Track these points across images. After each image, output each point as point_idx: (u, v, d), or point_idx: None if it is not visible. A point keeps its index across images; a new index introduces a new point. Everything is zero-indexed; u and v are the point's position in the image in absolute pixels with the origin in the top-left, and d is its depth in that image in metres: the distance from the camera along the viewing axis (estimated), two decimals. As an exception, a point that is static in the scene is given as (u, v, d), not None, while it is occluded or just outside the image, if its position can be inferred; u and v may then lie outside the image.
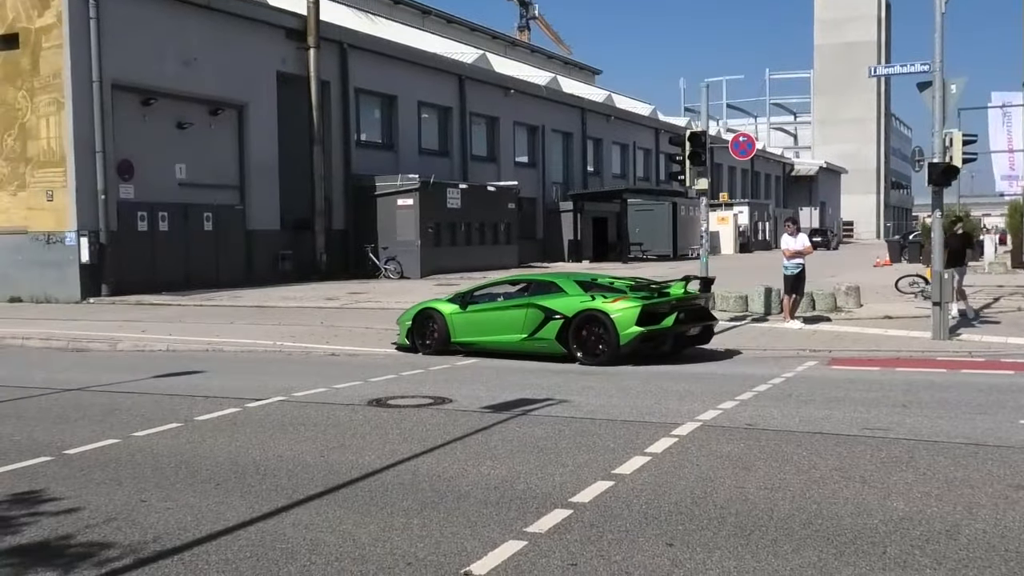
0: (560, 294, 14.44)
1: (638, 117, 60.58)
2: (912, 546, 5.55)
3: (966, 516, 6.10)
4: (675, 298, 14.27)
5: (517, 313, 14.60)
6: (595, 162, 54.95)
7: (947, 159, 16.03)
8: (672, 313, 13.89)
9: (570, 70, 74.14)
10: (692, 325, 14.35)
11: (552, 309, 14.21)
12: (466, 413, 9.83)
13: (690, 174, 17.00)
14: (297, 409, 10.25)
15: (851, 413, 9.58)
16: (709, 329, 14.94)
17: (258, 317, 20.84)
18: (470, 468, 7.47)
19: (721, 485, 6.88)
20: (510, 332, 14.60)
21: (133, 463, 7.83)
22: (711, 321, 15.02)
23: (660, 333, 13.76)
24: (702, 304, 14.94)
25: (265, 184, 31.35)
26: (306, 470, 7.49)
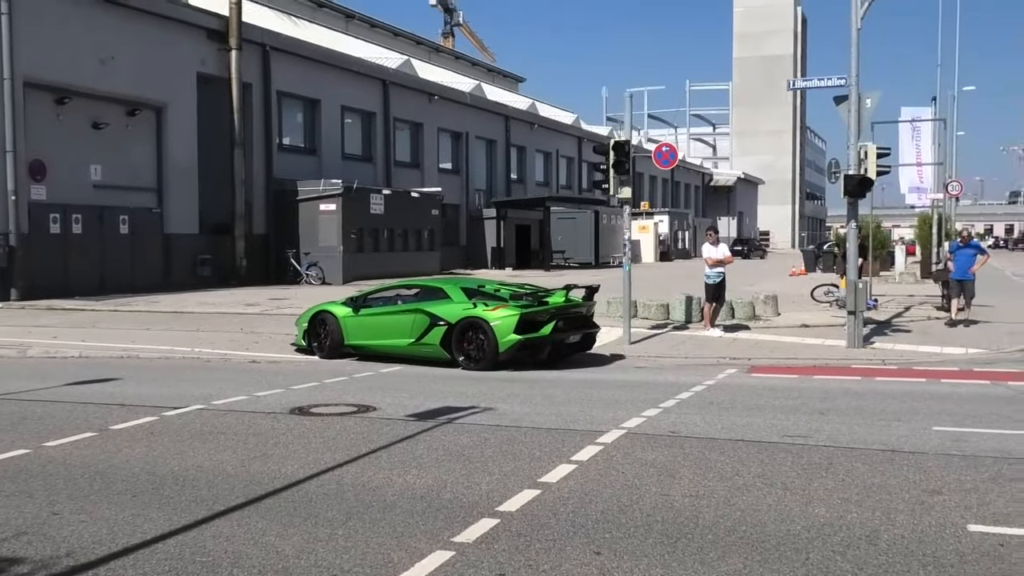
0: (446, 300, 14.71)
1: (561, 125, 60.97)
2: (833, 552, 5.63)
3: (885, 522, 6.22)
4: (554, 307, 14.54)
5: (405, 318, 14.84)
6: (518, 169, 55.10)
7: (862, 171, 16.43)
8: (551, 321, 14.19)
9: (494, 77, 74.33)
10: (572, 333, 14.70)
11: (437, 315, 14.46)
12: (390, 421, 9.72)
13: (614, 183, 17.11)
14: (217, 418, 10.02)
15: (771, 420, 9.72)
16: (590, 336, 15.33)
17: (176, 323, 20.38)
18: (395, 477, 7.37)
19: (647, 493, 6.91)
20: (399, 336, 14.85)
21: (44, 474, 7.56)
22: (593, 328, 15.38)
23: (538, 341, 14.09)
24: (583, 312, 15.22)
25: (184, 187, 30.71)
26: (227, 480, 7.31)
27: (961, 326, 19.06)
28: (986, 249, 21.41)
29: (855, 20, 16.47)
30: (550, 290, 15.27)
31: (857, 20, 16.49)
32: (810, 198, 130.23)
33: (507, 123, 52.61)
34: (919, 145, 48.05)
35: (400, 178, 42.02)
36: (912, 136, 48.01)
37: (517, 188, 53.93)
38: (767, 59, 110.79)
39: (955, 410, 10.40)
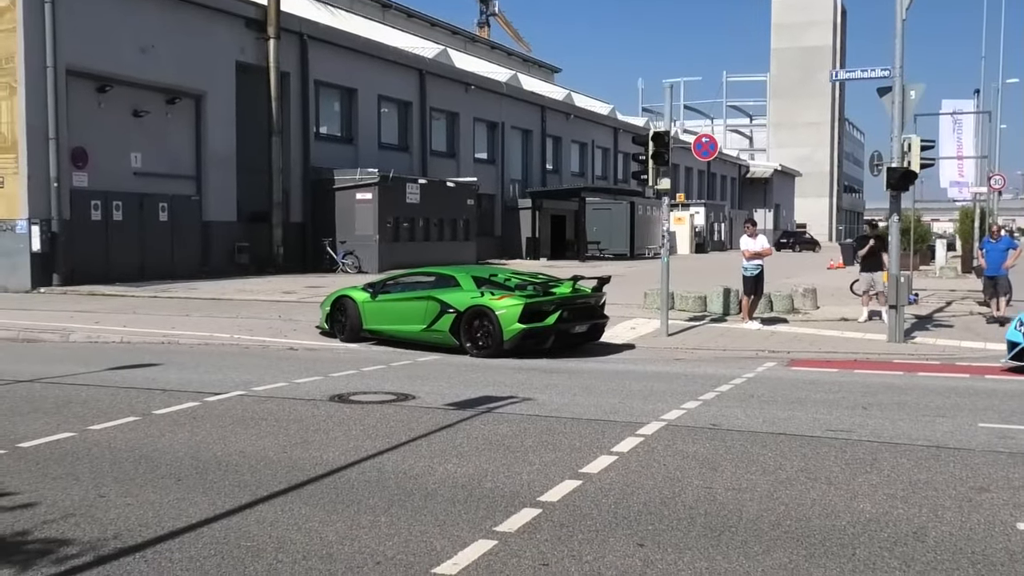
0: (456, 289, 15.01)
1: (597, 116, 60.74)
2: (880, 548, 5.57)
3: (932, 518, 6.14)
4: (560, 297, 14.69)
5: (419, 305, 15.19)
6: (554, 160, 54.98)
7: (905, 164, 16.22)
8: (556, 311, 14.38)
9: (530, 67, 74.17)
10: (578, 323, 14.81)
11: (447, 303, 14.78)
12: (430, 410, 9.74)
13: (652, 174, 17.01)
14: (257, 404, 10.09)
15: (813, 414, 9.64)
16: (599, 327, 15.44)
17: (214, 310, 20.55)
18: (436, 466, 7.38)
19: (689, 485, 6.87)
20: (412, 322, 15.21)
21: (90, 457, 7.65)
22: (601, 319, 15.47)
23: (542, 330, 14.29)
24: (591, 303, 15.29)
25: (222, 175, 30.93)
26: (269, 466, 7.36)
27: (997, 324, 18.75)
28: (1018, 243, 21.03)
29: (900, 11, 16.24)
30: (559, 280, 15.48)
31: (902, 11, 16.25)
32: (847, 191, 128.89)
33: (543, 113, 52.51)
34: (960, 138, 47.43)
35: (436, 168, 42.08)
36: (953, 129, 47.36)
37: (552, 178, 53.83)
38: (805, 50, 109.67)
39: (1000, 406, 10.25)
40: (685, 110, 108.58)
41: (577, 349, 15.15)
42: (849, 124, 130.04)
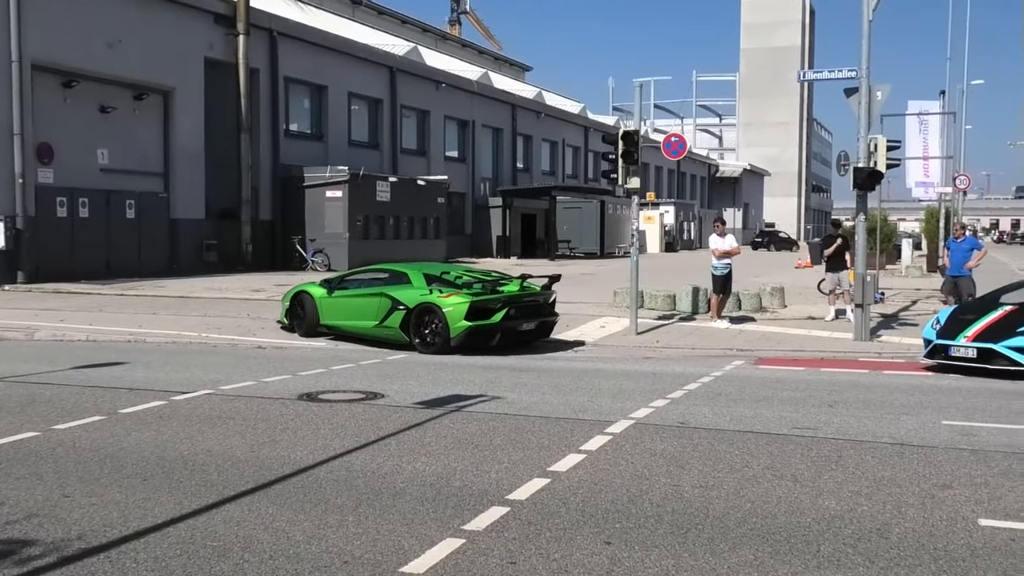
0: (407, 286, 15.27)
1: (568, 115, 60.85)
2: (844, 544, 5.63)
3: (895, 515, 6.21)
4: (507, 295, 14.90)
5: (372, 301, 15.45)
6: (525, 158, 55.01)
7: (872, 164, 16.38)
8: (502, 309, 14.60)
9: (500, 66, 74.14)
10: (525, 320, 15.06)
11: (398, 299, 15.03)
12: (399, 409, 9.73)
13: (622, 173, 17.06)
14: (225, 403, 10.03)
15: (780, 412, 9.71)
16: (547, 324, 15.69)
17: (182, 308, 20.39)
18: (405, 464, 7.38)
19: (656, 483, 6.90)
20: (365, 319, 15.46)
21: (54, 457, 7.57)
22: (550, 316, 15.71)
23: (488, 327, 14.51)
24: (540, 301, 15.53)
25: (190, 172, 30.70)
26: (236, 465, 7.32)
27: None
28: (982, 244, 21.23)
29: (867, 12, 16.39)
30: (510, 278, 15.78)
31: (869, 12, 16.41)
32: (816, 190, 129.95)
33: (514, 112, 52.52)
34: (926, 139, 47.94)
35: (406, 166, 42.01)
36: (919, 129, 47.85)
37: (523, 177, 53.87)
38: (775, 50, 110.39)
39: (963, 404, 10.38)
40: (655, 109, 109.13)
41: (530, 345, 15.30)
42: (817, 124, 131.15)
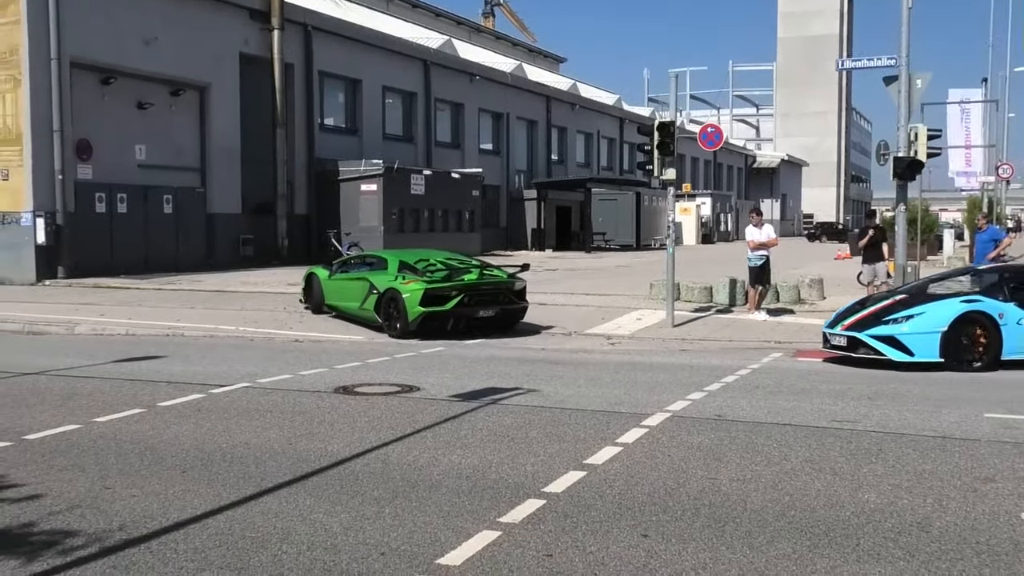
0: (383, 271, 16.42)
1: (602, 106, 60.64)
2: (885, 538, 5.59)
3: (936, 509, 6.15)
4: (464, 283, 15.56)
5: (358, 284, 16.76)
6: (559, 150, 54.92)
7: (912, 153, 16.21)
8: (456, 296, 15.34)
9: (535, 58, 74.01)
10: (483, 308, 15.68)
11: (374, 284, 16.17)
12: (434, 402, 9.78)
13: (658, 164, 16.99)
14: (262, 396, 10.13)
15: (819, 405, 9.65)
16: (512, 313, 16.22)
17: (219, 302, 20.59)
18: (441, 457, 7.41)
19: (693, 476, 6.89)
20: (353, 300, 16.79)
21: (95, 449, 7.69)
22: (512, 304, 16.18)
23: (441, 314, 15.33)
24: (505, 288, 16.06)
25: (226, 167, 30.97)
26: (274, 458, 7.39)
27: None
28: (1004, 233, 20.86)
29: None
30: (489, 266, 16.61)
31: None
32: (855, 180, 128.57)
33: (548, 104, 52.43)
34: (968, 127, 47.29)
35: (441, 158, 42.08)
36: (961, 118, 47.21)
37: (558, 169, 53.77)
38: (812, 39, 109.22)
39: (1007, 397, 10.26)
40: (691, 100, 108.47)
41: (558, 336, 15.59)
42: (856, 113, 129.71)
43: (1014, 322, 12.34)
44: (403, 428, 8.47)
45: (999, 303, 12.47)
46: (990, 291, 12.83)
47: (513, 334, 15.96)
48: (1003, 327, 12.26)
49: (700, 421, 8.84)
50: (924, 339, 12.26)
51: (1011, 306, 12.45)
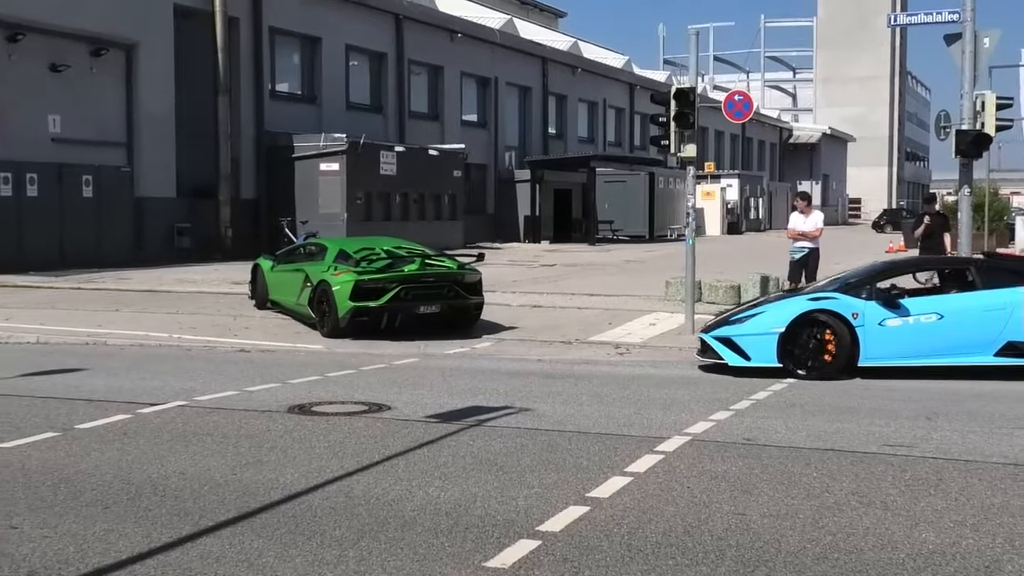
0: (319, 261, 17.02)
1: (610, 70, 60.76)
2: (946, 585, 5.61)
3: (1007, 549, 6.18)
4: (402, 274, 15.93)
5: (295, 276, 17.37)
6: (558, 123, 55.02)
7: (978, 126, 16.28)
8: (392, 290, 15.74)
9: (529, 12, 74.03)
10: (423, 304, 16.13)
11: (309, 275, 16.73)
12: (408, 423, 9.78)
13: (675, 139, 17.02)
14: (201, 416, 10.13)
15: (868, 426, 9.69)
16: (462, 309, 16.69)
17: (150, 304, 20.57)
18: (416, 489, 7.42)
19: (718, 511, 6.90)
20: (291, 294, 17.42)
21: (0, 481, 7.67)
22: (460, 299, 16.52)
23: (373, 309, 15.76)
24: (452, 281, 16.46)
25: (159, 142, 30.92)
26: (215, 490, 7.38)
27: None
28: None
29: (972, -59, 16.27)
30: (438, 255, 17.19)
31: (975, -59, 16.28)
32: (910, 158, 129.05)
33: (544, 67, 52.50)
34: (1046, 95, 47.44)
35: (416, 133, 42.10)
36: (1037, 84, 47.37)
37: (556, 145, 53.85)
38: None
39: (1091, 416, 10.30)
40: (715, 62, 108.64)
41: (557, 345, 15.64)
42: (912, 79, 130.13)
43: (874, 323, 12.70)
44: (370, 455, 8.47)
45: (857, 301, 12.86)
46: (854, 287, 13.24)
47: (470, 335, 16.38)
48: (858, 328, 12.64)
49: (726, 446, 8.86)
50: (761, 341, 12.83)
51: (872, 305, 12.81)
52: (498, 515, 6.81)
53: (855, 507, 7.02)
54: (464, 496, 7.25)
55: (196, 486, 7.51)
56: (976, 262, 14.51)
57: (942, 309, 12.84)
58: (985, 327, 12.61)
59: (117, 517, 6.77)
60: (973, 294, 13.04)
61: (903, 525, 6.63)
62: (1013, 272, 13.39)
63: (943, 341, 12.68)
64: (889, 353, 12.73)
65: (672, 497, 7.26)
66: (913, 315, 12.72)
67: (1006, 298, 12.71)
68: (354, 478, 7.74)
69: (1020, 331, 12.51)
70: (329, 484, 7.56)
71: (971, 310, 12.78)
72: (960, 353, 12.70)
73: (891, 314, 12.71)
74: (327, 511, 6.89)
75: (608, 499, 7.18)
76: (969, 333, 12.64)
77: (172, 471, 7.95)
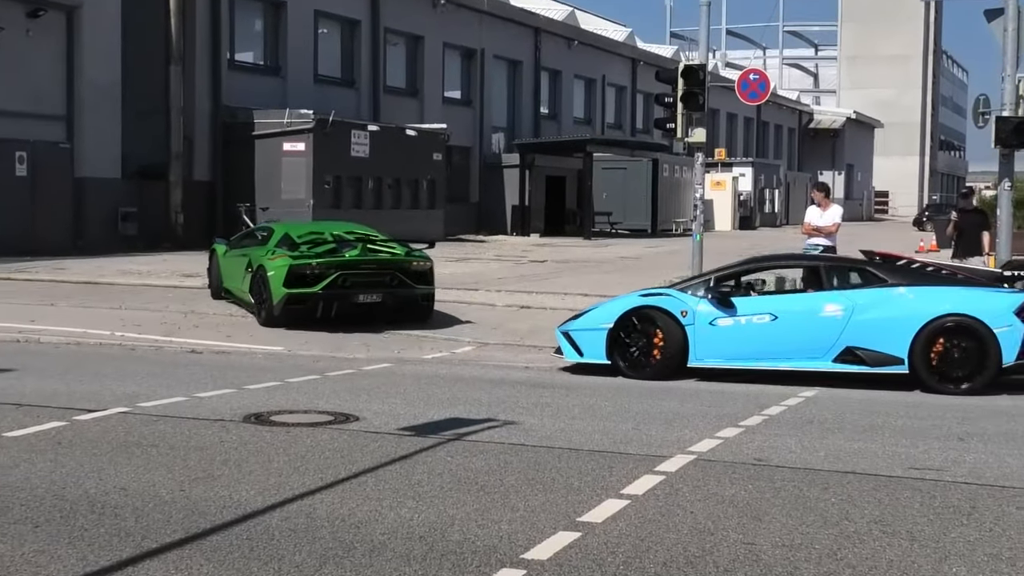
0: (262, 244, 17.89)
1: (610, 43, 60.80)
2: (978, 626, 5.63)
3: (1047, 587, 6.20)
4: (345, 259, 16.57)
5: (242, 262, 18.02)
6: (551, 102, 55.03)
7: (1021, 112, 16.34)
8: (328, 276, 16.41)
9: (520, -24, 74.11)
10: (363, 292, 16.76)
11: (251, 260, 17.47)
12: (378, 436, 9.77)
13: (682, 122, 17.08)
14: (146, 425, 10.10)
15: (893, 447, 9.71)
16: (408, 300, 17.26)
17: (90, 297, 20.54)
18: (386, 510, 7.41)
19: (724, 540, 6.91)
20: (238, 280, 18.10)
21: (-83, 495, 7.65)
22: (409, 289, 17.08)
23: (307, 297, 16.51)
24: (394, 269, 17.03)
25: (102, 116, 30.82)
26: (160, 508, 7.36)
27: None
28: None
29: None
30: (383, 240, 17.82)
31: (1020, -94, 16.34)
32: (945, 148, 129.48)
33: (537, 38, 52.50)
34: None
35: (392, 110, 42.07)
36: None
37: (549, 127, 53.87)
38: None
39: None
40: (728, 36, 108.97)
41: None
42: (948, 59, 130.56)
43: (704, 322, 13.30)
44: (336, 471, 8.46)
45: (690, 299, 13.55)
46: (692, 284, 14.10)
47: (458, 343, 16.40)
48: (688, 327, 13.26)
49: (734, 466, 8.87)
50: (592, 336, 13.70)
51: (704, 302, 13.42)
52: (478, 540, 6.80)
53: (878, 537, 7.03)
54: (440, 519, 7.24)
55: (139, 503, 7.48)
56: (827, 261, 15.37)
57: (777, 310, 13.39)
58: (822, 331, 13.08)
59: (49, 537, 6.74)
60: (811, 295, 13.70)
61: (931, 558, 6.64)
62: (864, 273, 13.88)
63: (776, 343, 13.22)
64: (719, 354, 13.37)
65: (673, 523, 7.26)
66: (745, 315, 13.31)
67: (845, 301, 13.18)
68: (317, 496, 7.72)
69: (859, 336, 12.91)
70: (289, 503, 7.55)
71: (807, 312, 13.35)
72: (795, 357, 13.21)
73: (722, 313, 13.31)
74: (286, 533, 6.88)
75: (601, 524, 7.18)
76: (805, 336, 13.14)
77: (112, 486, 7.92)
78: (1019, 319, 12.65)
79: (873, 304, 13.14)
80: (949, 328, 12.71)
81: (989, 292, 13.26)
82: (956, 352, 12.68)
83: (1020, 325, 12.62)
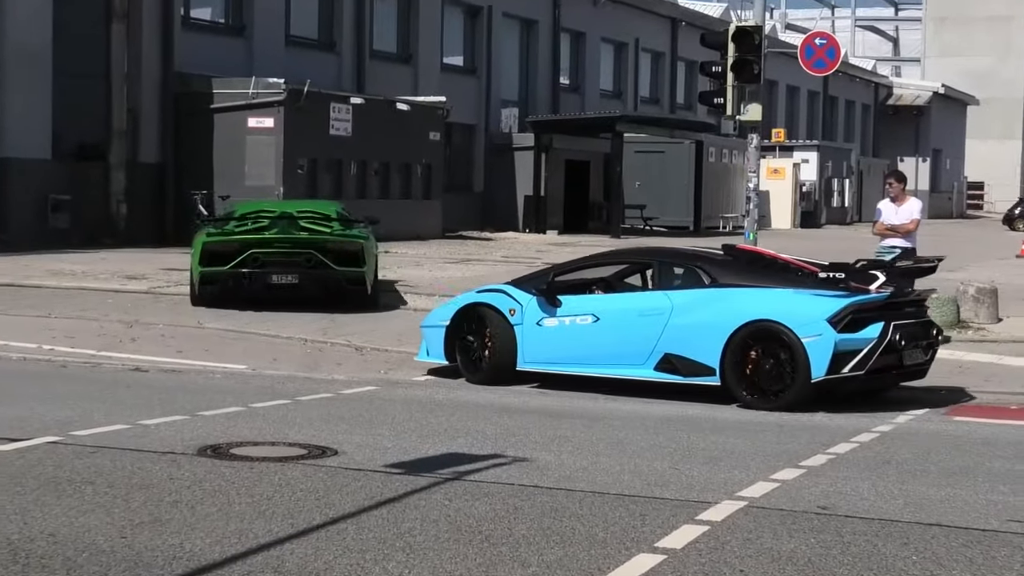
0: (217, 223, 19.61)
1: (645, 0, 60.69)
2: None
3: None
4: (258, 238, 18.03)
5: None
6: (573, 71, 55.04)
7: None
8: (241, 255, 17.72)
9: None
10: (277, 273, 17.97)
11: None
12: (361, 474, 9.78)
13: (733, 96, 17.07)
14: (80, 458, 10.11)
15: (987, 494, 9.70)
16: (328, 282, 18.43)
17: (13, 302, 20.58)
18: (370, 565, 7.41)
19: (781, 605, 6.92)
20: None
21: None
22: (326, 270, 18.11)
23: (217, 276, 18.36)
24: (320, 247, 18.08)
25: (29, 84, 30.90)
26: (97, 558, 7.37)
27: None
28: None
29: None
30: (309, 218, 19.12)
31: None
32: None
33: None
34: None
35: (380, 79, 42.09)
36: None
37: (570, 101, 53.84)
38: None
39: None
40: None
41: None
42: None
43: (532, 322, 13.98)
44: (309, 516, 8.46)
45: (524, 295, 14.33)
46: (531, 279, 15.03)
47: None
48: (516, 326, 13.95)
49: (794, 516, 8.86)
50: (434, 333, 14.85)
51: (533, 300, 14.07)
52: (482, 603, 6.83)
53: (968, 603, 7.04)
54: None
55: (71, 552, 7.49)
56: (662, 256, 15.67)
57: (599, 310, 13.96)
58: (641, 335, 13.53)
59: (-38, 593, 6.77)
60: (632, 295, 14.43)
61: (1033, 629, 6.65)
62: (689, 270, 14.35)
63: (598, 348, 13.78)
64: (544, 357, 14.01)
65: (719, 583, 7.28)
66: (568, 315, 13.90)
67: (664, 301, 13.62)
68: (286, 547, 7.72)
69: (676, 342, 13.29)
70: (252, 554, 7.54)
71: (627, 313, 13.89)
72: (617, 363, 13.79)
73: (547, 313, 13.94)
74: (249, 591, 6.90)
75: (632, 585, 7.20)
76: (625, 340, 13.64)
77: (38, 531, 7.93)
78: (832, 328, 12.85)
79: (692, 306, 13.56)
80: (758, 335, 13.12)
81: (805, 295, 13.45)
82: (767, 363, 13.08)
83: (832, 335, 12.84)
